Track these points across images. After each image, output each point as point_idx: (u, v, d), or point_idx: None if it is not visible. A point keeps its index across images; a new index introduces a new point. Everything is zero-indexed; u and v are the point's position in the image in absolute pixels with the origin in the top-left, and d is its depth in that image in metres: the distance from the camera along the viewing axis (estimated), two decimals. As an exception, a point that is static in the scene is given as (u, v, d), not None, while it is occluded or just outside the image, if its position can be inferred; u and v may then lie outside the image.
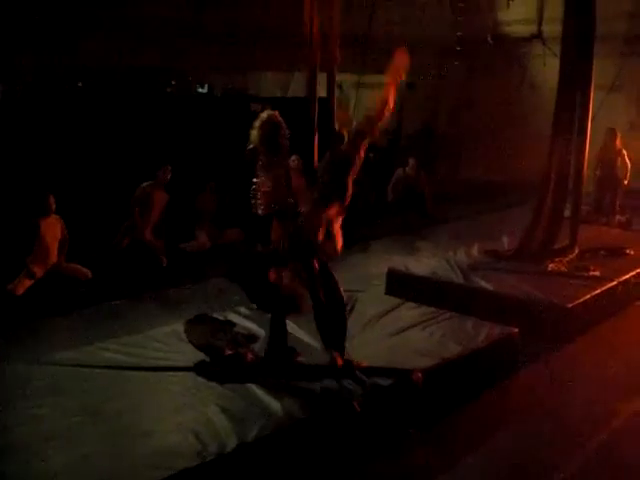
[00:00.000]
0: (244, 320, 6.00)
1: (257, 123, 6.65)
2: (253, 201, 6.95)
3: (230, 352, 5.19)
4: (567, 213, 8.67)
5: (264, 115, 6.73)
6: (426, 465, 4.56)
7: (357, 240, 5.79)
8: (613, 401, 5.46)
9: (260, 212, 6.80)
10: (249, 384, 4.73)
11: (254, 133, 6.74)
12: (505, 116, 15.80)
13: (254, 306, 6.36)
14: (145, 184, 9.64)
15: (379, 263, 8.76)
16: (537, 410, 5.31)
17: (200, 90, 14.83)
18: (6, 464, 3.72)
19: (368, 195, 12.57)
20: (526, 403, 5.43)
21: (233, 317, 6.04)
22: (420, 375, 4.93)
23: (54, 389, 4.62)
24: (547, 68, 13.79)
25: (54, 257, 8.22)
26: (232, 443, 3.97)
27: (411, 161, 13.23)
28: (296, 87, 15.36)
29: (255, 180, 6.87)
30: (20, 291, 7.78)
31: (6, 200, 8.83)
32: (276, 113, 6.63)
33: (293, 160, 10.86)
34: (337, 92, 6.18)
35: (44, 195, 8.15)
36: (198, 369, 4.99)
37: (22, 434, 4.05)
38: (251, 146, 6.81)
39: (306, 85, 6.02)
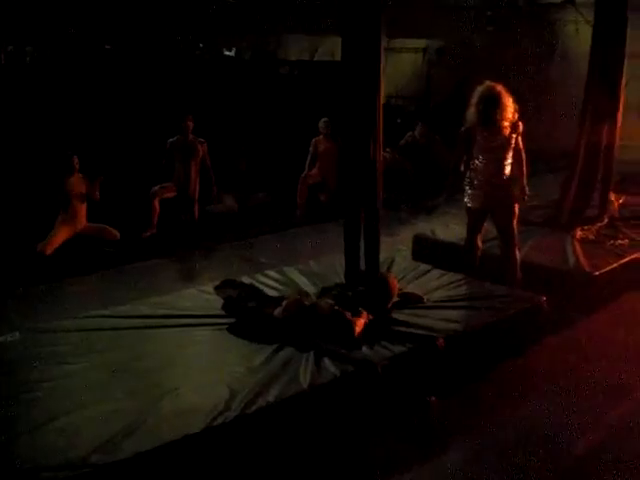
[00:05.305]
0: (273, 282, 6.02)
1: (475, 99, 6.23)
2: (470, 191, 6.61)
3: (255, 307, 5.22)
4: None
5: (482, 88, 6.27)
6: (445, 432, 4.58)
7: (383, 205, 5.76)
8: (637, 371, 5.43)
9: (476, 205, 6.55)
10: (276, 344, 4.75)
11: (471, 111, 6.31)
12: (536, 83, 15.60)
13: (282, 269, 6.38)
14: (172, 139, 9.29)
15: (405, 228, 8.75)
16: (561, 379, 5.28)
17: (227, 53, 14.81)
18: (37, 415, 3.81)
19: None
20: (551, 372, 5.41)
21: (262, 280, 6.05)
22: (442, 342, 4.90)
23: (85, 347, 4.69)
24: (580, 35, 13.58)
25: (82, 217, 8.30)
26: (256, 404, 4.00)
27: (419, 126, 12.23)
28: (323, 51, 15.29)
29: (472, 165, 6.52)
30: (49, 251, 7.87)
31: (33, 161, 8.93)
32: (494, 85, 6.15)
33: (321, 126, 10.82)
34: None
35: (68, 155, 8.24)
36: (226, 329, 5.03)
37: (53, 388, 4.13)
38: (467, 126, 6.44)
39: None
